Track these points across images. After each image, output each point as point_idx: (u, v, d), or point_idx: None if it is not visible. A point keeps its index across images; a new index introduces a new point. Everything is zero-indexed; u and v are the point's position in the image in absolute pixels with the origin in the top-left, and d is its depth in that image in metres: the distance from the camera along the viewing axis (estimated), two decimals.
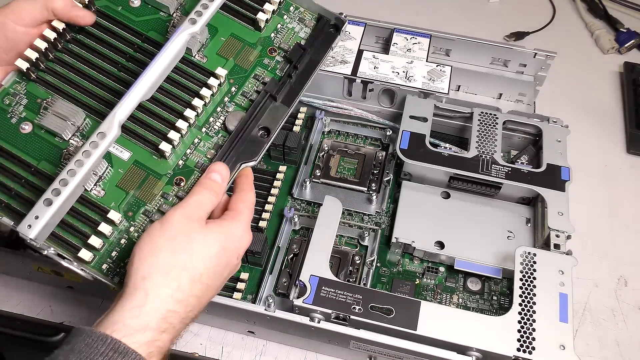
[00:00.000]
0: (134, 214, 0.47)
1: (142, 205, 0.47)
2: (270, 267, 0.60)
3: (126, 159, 0.48)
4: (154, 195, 0.47)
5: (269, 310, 0.51)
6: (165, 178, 0.48)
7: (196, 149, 0.49)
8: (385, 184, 0.66)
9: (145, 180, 0.48)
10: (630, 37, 0.85)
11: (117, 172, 0.47)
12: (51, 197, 0.41)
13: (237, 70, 0.52)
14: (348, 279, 0.59)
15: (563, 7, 0.93)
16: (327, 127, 0.72)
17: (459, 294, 0.59)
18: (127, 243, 0.46)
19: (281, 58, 0.53)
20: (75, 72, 0.50)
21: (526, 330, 0.50)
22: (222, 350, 0.58)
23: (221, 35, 0.53)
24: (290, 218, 0.63)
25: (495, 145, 0.64)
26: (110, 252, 0.45)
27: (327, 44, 0.54)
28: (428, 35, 0.75)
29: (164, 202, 0.47)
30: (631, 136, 0.75)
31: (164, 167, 0.48)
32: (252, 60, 0.53)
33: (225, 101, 0.51)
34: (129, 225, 0.46)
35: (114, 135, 0.43)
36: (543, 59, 0.73)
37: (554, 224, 0.57)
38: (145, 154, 0.48)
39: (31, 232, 0.41)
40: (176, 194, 0.48)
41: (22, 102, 0.48)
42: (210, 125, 0.50)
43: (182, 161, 0.49)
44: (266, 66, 0.53)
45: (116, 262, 0.45)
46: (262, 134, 0.50)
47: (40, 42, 0.48)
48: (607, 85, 0.82)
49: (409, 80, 0.69)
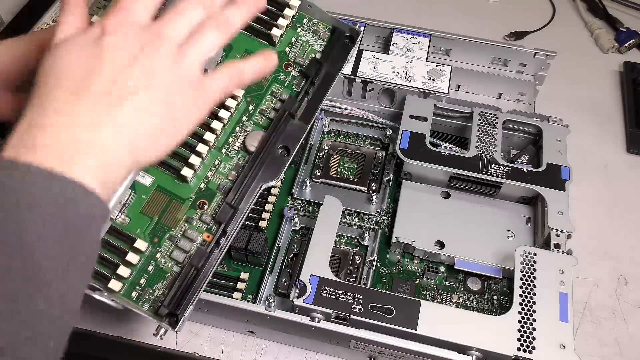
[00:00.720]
0: (160, 240, 0.46)
1: (167, 230, 0.47)
2: (271, 267, 0.60)
3: (148, 185, 0.48)
4: (178, 220, 0.47)
5: (269, 310, 0.51)
6: (188, 202, 0.48)
7: (217, 171, 0.49)
8: (385, 184, 0.66)
9: (168, 205, 0.48)
10: (630, 36, 0.85)
11: (140, 198, 0.47)
12: None
13: (253, 88, 0.52)
14: (348, 279, 0.59)
15: (563, 6, 0.93)
16: (327, 126, 0.72)
17: (459, 294, 0.59)
18: (155, 270, 0.46)
19: (297, 72, 0.53)
20: None
21: (526, 329, 0.50)
22: (223, 350, 0.58)
23: (236, 52, 0.53)
24: (290, 218, 0.63)
25: (495, 144, 0.64)
26: (139, 280, 0.45)
27: (342, 56, 0.53)
28: (428, 35, 0.75)
29: (189, 227, 0.47)
30: (631, 135, 0.75)
31: (186, 191, 0.48)
32: (268, 76, 0.52)
33: (243, 120, 0.51)
34: (155, 251, 0.46)
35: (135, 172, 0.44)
36: (543, 58, 0.73)
37: (554, 223, 0.57)
38: (167, 178, 0.48)
39: None
40: (200, 218, 0.47)
41: None
42: (229, 146, 0.50)
43: (204, 184, 0.49)
44: (282, 82, 0.52)
45: (144, 289, 0.45)
46: (282, 152, 0.49)
47: None
48: (607, 84, 0.82)
49: (409, 80, 0.69)
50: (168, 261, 0.46)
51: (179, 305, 0.44)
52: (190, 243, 0.46)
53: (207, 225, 0.47)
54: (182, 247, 0.46)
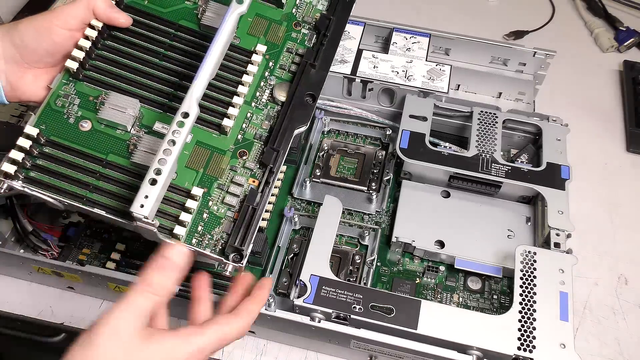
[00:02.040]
0: (209, 189, 0.49)
1: (214, 180, 0.49)
2: (271, 266, 0.60)
3: (189, 141, 0.50)
4: (223, 169, 0.50)
5: (269, 310, 0.51)
6: (229, 153, 0.51)
7: (250, 122, 0.52)
8: (385, 184, 0.66)
9: (210, 158, 0.50)
10: (630, 35, 0.85)
11: (183, 155, 0.50)
12: (154, 176, 0.43)
13: (270, 47, 0.55)
14: (348, 279, 0.59)
15: (562, 5, 0.93)
16: (326, 126, 0.72)
17: (459, 293, 0.59)
18: (209, 217, 0.48)
19: (307, 30, 0.57)
20: (119, 67, 0.52)
21: (527, 328, 0.50)
22: (223, 350, 0.58)
23: (247, 17, 0.55)
24: (290, 218, 0.63)
25: (495, 144, 0.64)
26: (196, 228, 0.47)
27: (346, 9, 0.58)
28: (427, 34, 0.75)
29: (234, 175, 0.50)
30: (631, 134, 0.75)
31: (225, 143, 0.51)
32: (281, 35, 0.56)
33: (266, 75, 0.54)
34: (207, 200, 0.49)
35: (195, 113, 0.45)
36: (542, 57, 0.73)
37: (554, 222, 0.57)
38: (206, 134, 0.51)
39: (144, 210, 0.42)
40: (243, 165, 0.50)
41: (75, 102, 0.50)
42: (258, 99, 0.53)
43: (241, 135, 0.51)
44: (295, 39, 0.56)
45: (203, 235, 0.47)
46: (308, 99, 0.53)
47: (85, 41, 0.50)
48: (607, 83, 0.82)
49: (409, 80, 0.69)
50: (221, 207, 0.48)
51: (243, 242, 0.46)
52: (239, 187, 0.49)
53: (251, 171, 0.50)
54: (232, 192, 0.49)
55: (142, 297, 0.38)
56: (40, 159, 0.48)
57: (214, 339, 0.40)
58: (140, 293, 0.39)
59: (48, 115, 0.49)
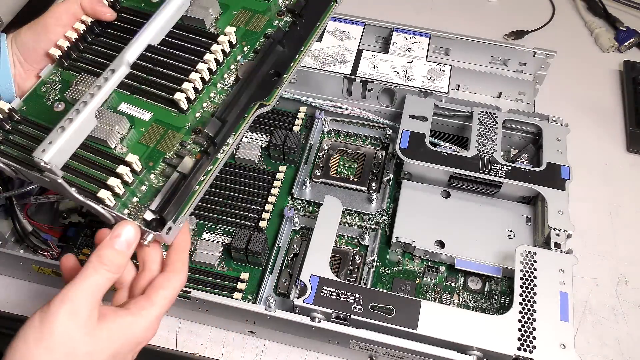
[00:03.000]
0: (155, 163, 0.48)
1: (161, 154, 0.49)
2: (271, 267, 0.60)
3: (147, 119, 0.50)
4: (173, 145, 0.49)
5: (269, 310, 0.51)
6: (184, 130, 0.50)
7: (212, 102, 0.51)
8: (385, 184, 0.66)
9: (164, 134, 0.49)
10: (630, 35, 0.85)
11: (139, 131, 0.49)
12: (65, 124, 0.43)
13: (249, 34, 0.54)
14: (348, 279, 0.59)
15: (562, 5, 0.93)
16: (326, 126, 0.72)
17: (459, 293, 0.59)
18: (148, 189, 0.47)
19: (289, 18, 0.55)
20: (104, 58, 0.52)
21: (527, 329, 0.50)
22: (223, 351, 0.58)
23: (232, 10, 0.55)
24: (290, 218, 0.63)
25: (495, 144, 0.64)
26: (132, 198, 0.46)
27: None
28: (427, 34, 0.75)
29: (181, 148, 0.49)
30: (631, 135, 0.75)
31: (182, 120, 0.50)
32: (262, 23, 0.55)
33: (238, 59, 0.53)
34: (149, 173, 0.48)
35: (122, 70, 0.45)
36: (543, 57, 0.73)
37: (554, 222, 0.57)
38: (165, 112, 0.50)
39: (45, 155, 0.41)
40: (194, 141, 0.49)
41: (57, 87, 0.51)
42: (225, 81, 0.52)
43: (199, 114, 0.51)
44: (275, 27, 0.55)
45: (137, 206, 0.46)
46: (274, 77, 0.51)
47: (71, 32, 0.51)
48: (607, 83, 0.82)
49: (409, 80, 0.69)
50: (161, 181, 0.47)
51: (164, 209, 0.44)
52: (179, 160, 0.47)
53: (200, 146, 0.48)
54: (173, 164, 0.47)
55: (98, 275, 0.38)
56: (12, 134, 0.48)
57: (164, 304, 0.41)
58: (96, 270, 0.38)
59: (31, 99, 0.51)
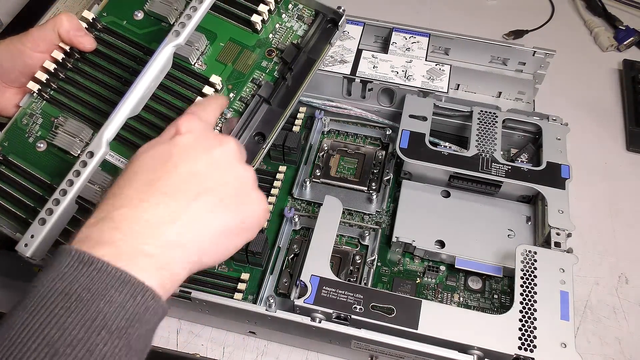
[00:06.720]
0: None
1: None
2: (271, 267, 0.60)
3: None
4: None
5: (270, 310, 0.51)
6: None
7: None
8: (385, 184, 0.66)
9: None
10: (629, 34, 0.85)
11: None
12: (45, 216, 0.42)
13: (235, 75, 0.52)
14: (349, 279, 0.59)
15: (562, 5, 0.93)
16: (326, 126, 0.72)
17: (459, 293, 0.59)
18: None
19: (279, 59, 0.52)
20: (84, 90, 0.51)
21: (527, 328, 0.50)
22: (224, 351, 0.58)
23: (220, 41, 0.53)
24: (291, 218, 0.63)
25: (495, 143, 0.64)
26: None
27: (324, 41, 0.52)
28: (427, 34, 0.75)
29: None
30: (631, 133, 0.75)
31: None
32: (250, 63, 0.52)
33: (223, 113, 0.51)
34: None
35: (102, 152, 0.43)
36: (542, 57, 0.73)
37: (555, 222, 0.57)
38: None
39: (28, 250, 0.43)
40: None
41: (38, 121, 0.51)
42: None
43: None
44: (264, 69, 0.52)
45: None
46: (259, 139, 0.49)
47: (49, 63, 0.50)
48: (607, 82, 0.82)
49: (408, 80, 0.69)
50: None
51: None
52: None
53: None
54: None
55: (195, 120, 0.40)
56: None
57: None
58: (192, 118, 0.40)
59: (13, 132, 0.50)
